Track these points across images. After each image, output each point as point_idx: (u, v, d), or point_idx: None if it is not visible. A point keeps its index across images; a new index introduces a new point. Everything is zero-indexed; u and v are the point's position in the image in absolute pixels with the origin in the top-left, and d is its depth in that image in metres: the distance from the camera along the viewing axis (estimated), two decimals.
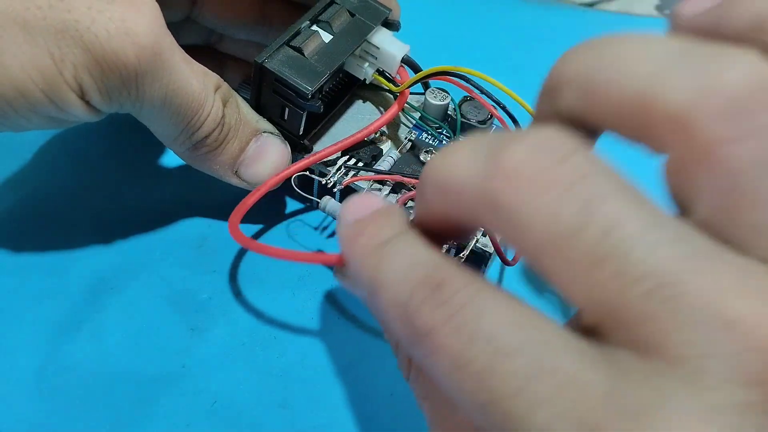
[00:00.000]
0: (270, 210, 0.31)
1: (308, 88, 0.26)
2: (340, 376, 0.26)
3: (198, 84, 0.24)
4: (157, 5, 0.22)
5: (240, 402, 0.25)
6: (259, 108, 0.28)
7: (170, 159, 0.32)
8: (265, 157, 0.27)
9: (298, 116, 0.27)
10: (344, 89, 0.31)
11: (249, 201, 0.26)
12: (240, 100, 0.27)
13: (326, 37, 0.27)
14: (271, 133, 0.28)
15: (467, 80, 0.26)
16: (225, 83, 0.26)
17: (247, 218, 0.30)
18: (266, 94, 0.27)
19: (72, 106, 0.22)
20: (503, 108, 0.26)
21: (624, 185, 0.13)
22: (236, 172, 0.27)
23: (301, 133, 0.28)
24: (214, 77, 0.25)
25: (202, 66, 0.25)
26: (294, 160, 0.29)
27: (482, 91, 0.26)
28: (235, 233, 0.25)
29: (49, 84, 0.21)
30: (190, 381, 0.25)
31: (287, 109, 0.27)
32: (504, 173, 0.13)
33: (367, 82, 0.29)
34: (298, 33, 0.27)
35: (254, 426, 0.24)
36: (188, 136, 0.25)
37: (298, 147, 0.29)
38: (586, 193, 0.13)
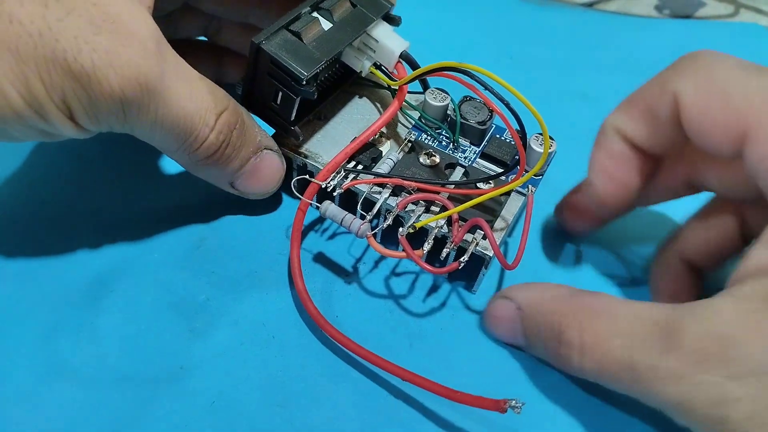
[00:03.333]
0: (270, 214, 0.31)
1: (304, 73, 0.26)
2: (339, 375, 0.26)
3: (194, 107, 0.24)
4: (150, 34, 0.22)
5: (239, 402, 0.25)
6: (252, 90, 0.28)
7: (168, 160, 0.32)
8: (261, 174, 0.28)
9: (291, 102, 0.27)
10: (339, 81, 0.31)
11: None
12: (246, 117, 0.27)
13: (326, 24, 0.27)
14: (271, 149, 0.28)
15: (471, 76, 0.25)
16: (233, 102, 0.26)
17: (247, 223, 0.30)
18: (261, 76, 0.27)
19: (62, 126, 0.22)
20: (507, 104, 0.25)
21: None
22: (232, 183, 0.28)
23: (292, 119, 0.28)
24: (220, 100, 0.25)
25: (209, 83, 0.25)
26: (281, 145, 0.29)
27: (486, 87, 0.25)
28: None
29: (40, 106, 0.21)
30: (188, 382, 0.25)
31: (280, 94, 0.27)
32: None
33: (363, 74, 0.29)
34: (297, 18, 0.27)
35: (253, 426, 0.24)
36: (187, 153, 0.25)
37: (288, 132, 0.29)
38: None
